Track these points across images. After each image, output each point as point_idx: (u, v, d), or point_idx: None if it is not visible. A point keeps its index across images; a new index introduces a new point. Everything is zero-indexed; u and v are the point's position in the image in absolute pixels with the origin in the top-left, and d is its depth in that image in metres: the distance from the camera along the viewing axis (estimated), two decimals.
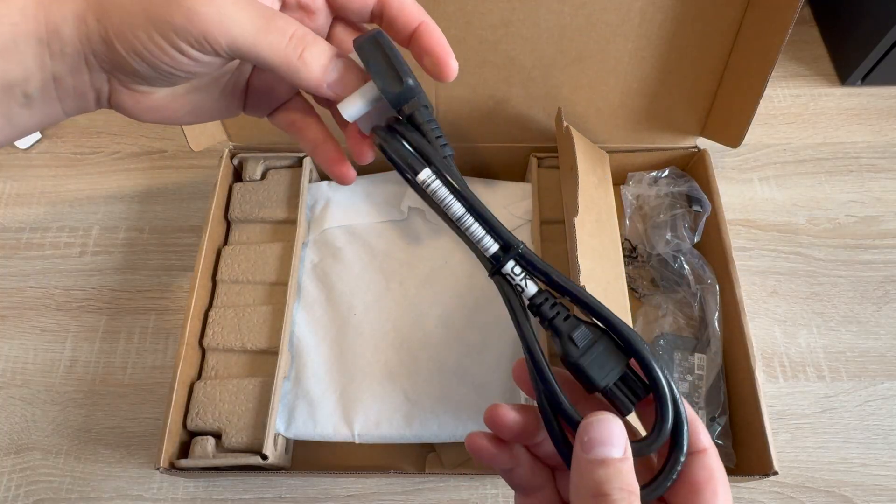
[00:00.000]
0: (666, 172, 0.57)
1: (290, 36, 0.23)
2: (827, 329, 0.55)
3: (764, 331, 0.55)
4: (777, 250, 0.59)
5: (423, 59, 0.26)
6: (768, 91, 0.53)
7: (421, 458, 0.49)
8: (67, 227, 0.61)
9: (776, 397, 0.52)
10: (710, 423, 0.48)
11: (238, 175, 0.57)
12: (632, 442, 0.22)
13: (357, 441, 0.46)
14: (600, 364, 0.23)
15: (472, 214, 0.25)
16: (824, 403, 0.52)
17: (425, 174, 0.25)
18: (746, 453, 0.47)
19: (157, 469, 0.43)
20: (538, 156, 0.56)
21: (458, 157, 0.58)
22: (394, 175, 0.57)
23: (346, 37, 0.28)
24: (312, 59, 0.23)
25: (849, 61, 0.66)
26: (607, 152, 0.55)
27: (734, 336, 0.49)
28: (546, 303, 0.24)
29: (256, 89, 0.29)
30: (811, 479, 0.49)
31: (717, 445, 0.48)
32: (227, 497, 0.49)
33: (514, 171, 0.59)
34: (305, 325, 0.50)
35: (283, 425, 0.47)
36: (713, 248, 0.53)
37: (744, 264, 0.57)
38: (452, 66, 0.26)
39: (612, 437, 0.21)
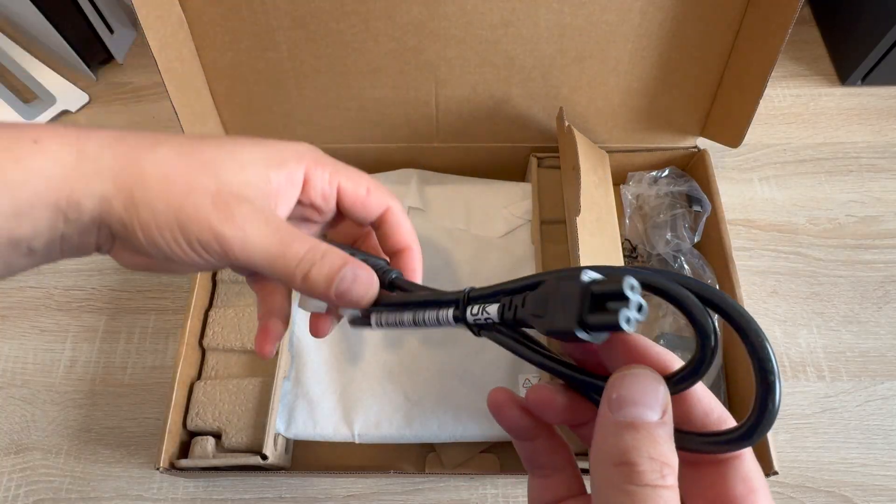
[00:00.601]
0: (666, 172, 0.57)
1: (299, 259, 0.25)
2: (827, 329, 0.55)
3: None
4: (777, 250, 0.59)
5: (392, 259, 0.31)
6: (768, 91, 0.53)
7: (421, 458, 0.49)
8: None
9: None
10: None
11: None
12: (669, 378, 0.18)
13: (357, 441, 0.46)
14: (561, 307, 0.19)
15: (416, 310, 0.26)
16: (824, 403, 0.52)
17: (373, 320, 0.27)
18: None
19: (157, 469, 0.43)
20: (538, 156, 0.56)
21: (458, 157, 0.58)
22: (394, 175, 0.57)
23: (344, 227, 0.33)
24: (318, 276, 0.26)
25: (849, 61, 0.66)
26: (607, 152, 0.55)
27: (734, 336, 0.49)
28: (506, 307, 0.22)
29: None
30: (811, 479, 0.49)
31: None
32: (227, 497, 0.49)
33: (514, 171, 0.59)
34: (305, 325, 0.50)
35: (283, 425, 0.47)
36: (713, 248, 0.53)
37: (744, 264, 0.57)
38: (415, 270, 0.31)
39: (646, 396, 0.17)
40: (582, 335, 0.18)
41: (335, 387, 0.48)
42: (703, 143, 0.57)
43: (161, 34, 0.44)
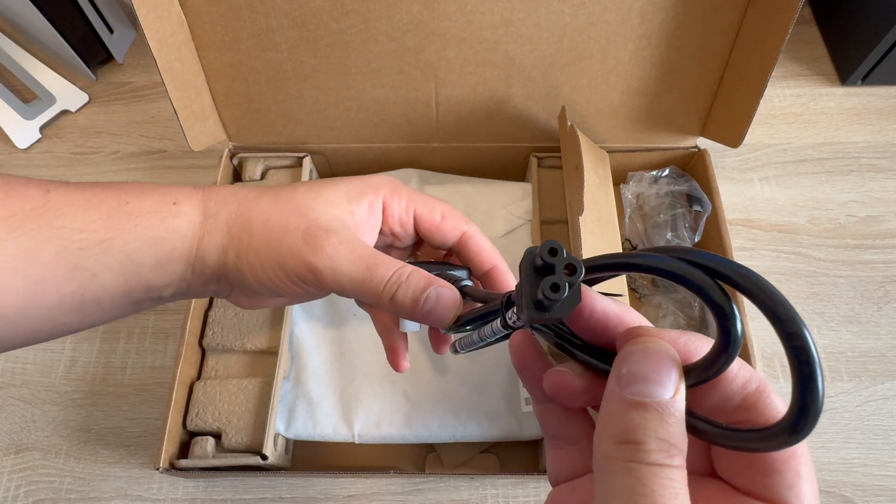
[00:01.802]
0: (666, 172, 0.57)
1: (385, 282, 0.27)
2: (827, 329, 0.55)
3: (764, 331, 0.55)
4: (777, 250, 0.59)
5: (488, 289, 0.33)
6: (768, 91, 0.53)
7: (421, 458, 0.49)
8: None
9: None
10: None
11: (238, 175, 0.57)
12: (691, 366, 0.17)
13: (357, 441, 0.46)
14: (524, 297, 0.19)
15: (476, 328, 0.26)
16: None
17: (458, 346, 0.29)
18: None
19: (157, 469, 0.43)
20: (538, 156, 0.56)
21: (458, 157, 0.58)
22: (394, 175, 0.57)
23: (426, 249, 0.35)
24: (404, 298, 0.27)
25: (849, 61, 0.66)
26: (607, 152, 0.55)
27: None
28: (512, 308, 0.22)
29: None
30: None
31: None
32: (227, 497, 0.49)
33: (514, 171, 0.59)
34: (305, 325, 0.50)
35: (282, 425, 0.47)
36: (713, 248, 0.53)
37: (744, 264, 0.57)
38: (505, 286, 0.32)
39: (658, 373, 0.16)
40: (537, 315, 0.17)
41: (335, 387, 0.48)
42: (703, 142, 0.57)
43: (161, 34, 0.44)
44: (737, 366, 0.17)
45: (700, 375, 0.17)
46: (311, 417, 0.47)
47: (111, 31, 0.68)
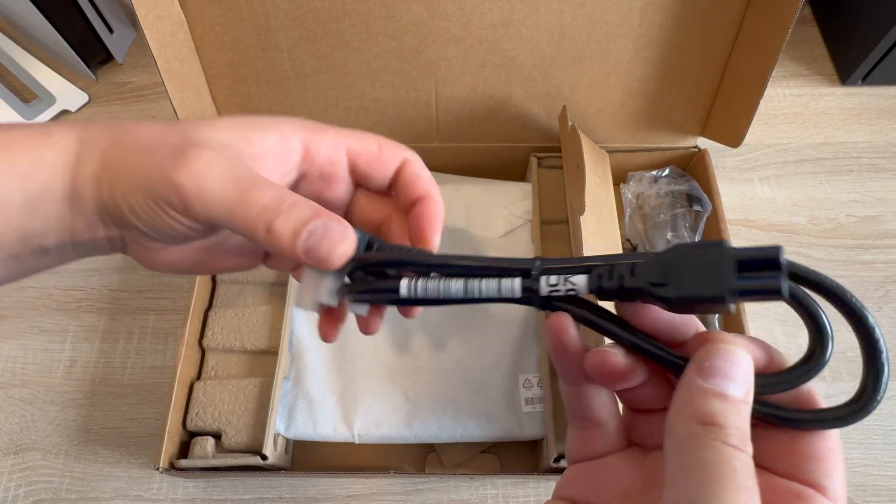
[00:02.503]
0: (666, 172, 0.57)
1: (261, 207, 0.23)
2: None
3: (764, 331, 0.55)
4: None
5: (411, 224, 0.27)
6: (768, 91, 0.53)
7: (421, 458, 0.49)
8: None
9: None
10: None
11: None
12: (764, 375, 0.19)
13: (357, 441, 0.46)
14: (701, 274, 0.19)
15: (470, 279, 0.22)
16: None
17: (404, 287, 0.23)
18: None
19: (157, 469, 0.43)
20: (538, 156, 0.56)
21: (458, 157, 0.58)
22: None
23: (365, 203, 0.29)
24: (283, 227, 0.22)
25: (849, 61, 0.66)
26: (608, 152, 0.55)
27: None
28: (603, 277, 0.21)
29: None
30: None
31: None
32: (227, 497, 0.49)
33: (514, 171, 0.59)
34: (305, 325, 0.50)
35: (282, 425, 0.46)
36: None
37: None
38: (432, 242, 0.26)
39: (736, 371, 0.18)
40: (730, 300, 0.19)
41: (335, 387, 0.48)
42: (703, 142, 0.57)
43: (161, 34, 0.44)
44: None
45: (776, 386, 0.20)
46: (311, 417, 0.47)
47: (111, 31, 0.68)
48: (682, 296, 0.19)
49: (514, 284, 0.22)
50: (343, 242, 0.23)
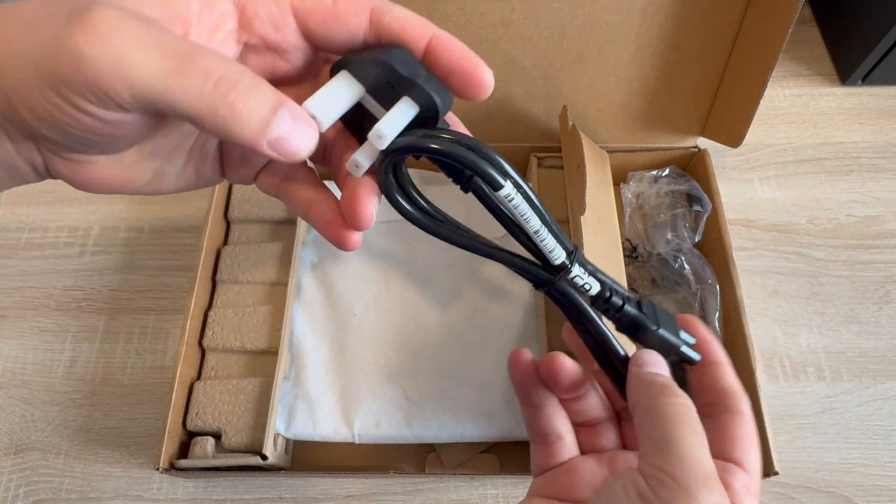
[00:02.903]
0: (666, 172, 0.57)
1: (215, 79, 0.18)
2: (827, 329, 0.55)
3: (764, 331, 0.55)
4: (777, 250, 0.58)
5: (448, 80, 0.22)
6: (768, 91, 0.53)
7: (421, 458, 0.49)
8: (67, 226, 0.61)
9: (777, 397, 0.52)
10: None
11: None
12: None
13: (357, 441, 0.46)
14: (668, 325, 0.26)
15: (545, 226, 0.23)
16: (825, 404, 0.52)
17: (509, 188, 0.22)
18: None
19: (157, 469, 0.43)
20: (538, 156, 0.56)
21: None
22: None
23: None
24: (248, 108, 0.18)
25: (849, 61, 0.66)
26: (608, 152, 0.55)
27: (735, 336, 0.49)
28: (614, 294, 0.25)
29: (231, 149, 0.24)
30: (812, 479, 0.49)
31: None
32: (227, 497, 0.49)
33: None
34: (305, 325, 0.50)
35: (282, 425, 0.46)
36: (713, 248, 0.53)
37: (744, 264, 0.57)
38: (485, 79, 0.22)
39: (661, 364, 0.25)
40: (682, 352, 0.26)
41: (335, 387, 0.48)
42: (703, 142, 0.57)
43: None
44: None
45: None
46: (311, 417, 0.47)
47: None
48: (661, 339, 0.25)
49: (560, 254, 0.24)
50: (311, 135, 0.20)
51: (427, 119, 0.21)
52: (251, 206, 0.54)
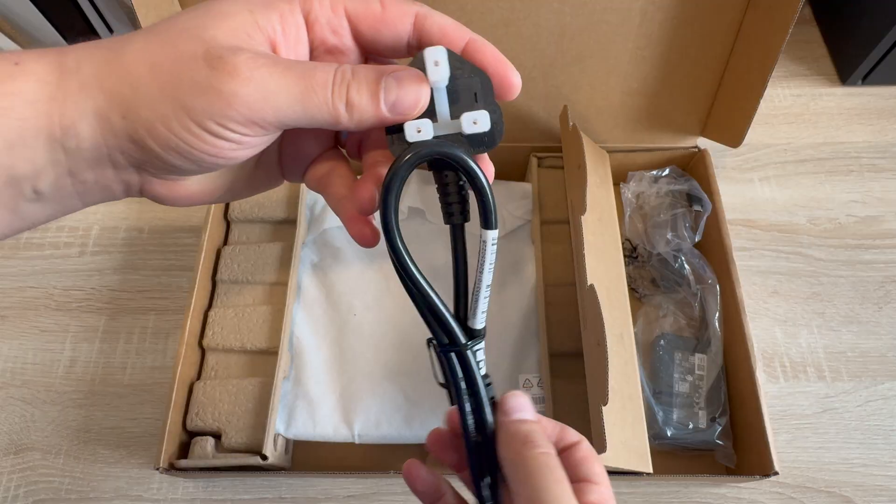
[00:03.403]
0: (666, 171, 0.57)
1: (331, 85, 0.21)
2: (828, 329, 0.55)
3: (764, 331, 0.55)
4: (778, 250, 0.58)
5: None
6: (769, 91, 0.53)
7: (421, 458, 0.49)
8: (67, 226, 0.61)
9: (777, 397, 0.52)
10: (711, 423, 0.48)
11: None
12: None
13: (357, 441, 0.46)
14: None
15: (489, 289, 0.26)
16: (825, 404, 0.52)
17: (496, 234, 0.24)
18: (747, 454, 0.47)
19: (157, 469, 0.43)
20: (538, 156, 0.56)
21: None
22: None
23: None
24: (360, 96, 0.22)
25: (849, 61, 0.66)
26: (608, 152, 0.55)
27: (735, 336, 0.49)
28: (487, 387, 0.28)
29: (289, 153, 0.27)
30: (812, 479, 0.49)
31: (718, 445, 0.47)
32: (227, 497, 0.49)
33: (514, 171, 0.59)
34: (305, 325, 0.50)
35: (282, 425, 0.46)
36: (714, 248, 0.53)
37: (744, 264, 0.57)
38: (515, 81, 0.24)
39: (527, 406, 0.26)
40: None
41: (335, 387, 0.48)
42: (703, 142, 0.57)
43: None
44: None
45: None
46: (311, 417, 0.47)
47: (111, 30, 0.68)
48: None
49: (482, 318, 0.27)
50: (421, 83, 0.22)
51: (483, 142, 0.24)
52: (251, 206, 0.54)
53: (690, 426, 0.48)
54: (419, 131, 0.23)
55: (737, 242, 0.57)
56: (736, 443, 0.48)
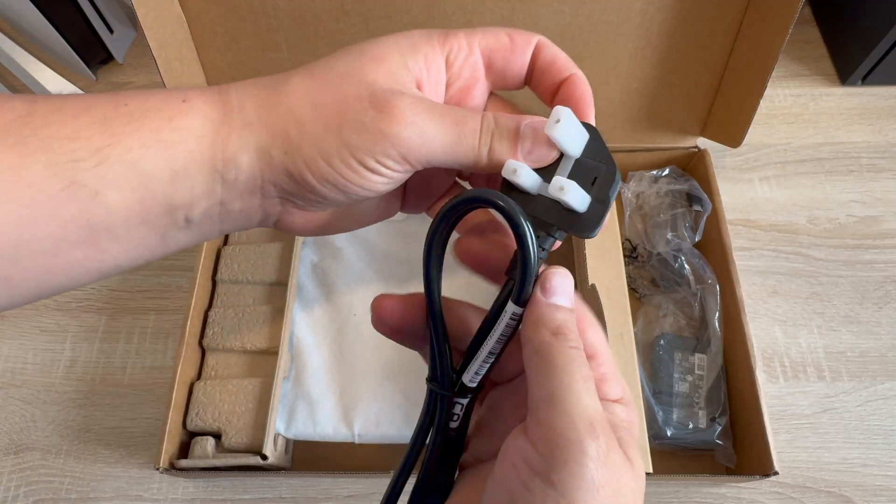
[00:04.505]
0: (666, 171, 0.57)
1: (479, 133, 0.24)
2: (827, 329, 0.55)
3: (764, 331, 0.55)
4: (777, 250, 0.58)
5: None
6: (769, 91, 0.53)
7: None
8: None
9: (777, 397, 0.52)
10: (711, 423, 0.48)
11: None
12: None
13: (357, 441, 0.46)
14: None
15: (493, 357, 0.24)
16: (825, 403, 0.52)
17: (520, 312, 0.24)
18: (747, 453, 0.47)
19: (157, 469, 0.43)
20: None
21: None
22: None
23: (499, 108, 0.29)
24: (501, 147, 0.24)
25: (849, 61, 0.66)
26: None
27: (735, 336, 0.49)
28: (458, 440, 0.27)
29: (420, 187, 0.29)
30: (812, 479, 0.49)
31: (718, 445, 0.47)
32: (227, 497, 0.49)
33: None
34: (305, 325, 0.50)
35: (283, 425, 0.47)
36: (713, 248, 0.53)
37: (744, 264, 0.57)
38: (589, 118, 0.26)
39: (567, 290, 0.23)
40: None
41: (335, 387, 0.48)
42: (703, 142, 0.57)
43: (161, 34, 0.44)
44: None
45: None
46: (311, 417, 0.47)
47: (111, 30, 0.68)
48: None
49: (477, 379, 0.24)
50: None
51: (572, 223, 0.24)
52: None
53: (690, 426, 0.48)
54: (515, 171, 0.23)
55: (737, 242, 0.57)
56: (736, 443, 0.48)
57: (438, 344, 0.25)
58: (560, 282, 0.23)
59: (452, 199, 0.23)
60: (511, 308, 0.23)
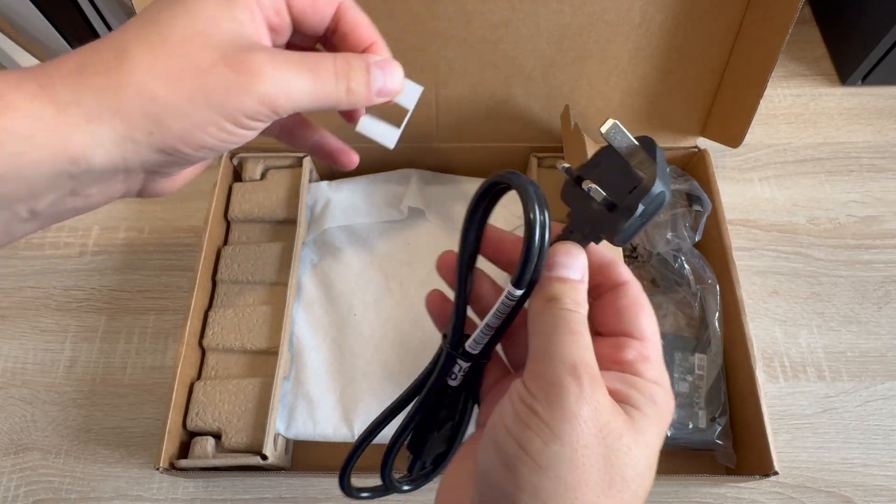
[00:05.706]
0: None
1: (335, 78, 0.25)
2: (827, 329, 0.55)
3: (764, 331, 0.55)
4: (777, 250, 0.59)
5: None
6: (769, 91, 0.53)
7: None
8: (67, 226, 0.61)
9: (777, 397, 0.52)
10: (711, 423, 0.48)
11: (238, 175, 0.57)
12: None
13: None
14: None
15: (496, 333, 0.25)
16: (825, 403, 0.52)
17: (521, 296, 0.25)
18: (747, 453, 0.47)
19: (157, 469, 0.43)
20: (538, 156, 0.56)
21: (458, 157, 0.58)
22: (394, 175, 0.57)
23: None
24: (357, 84, 0.26)
25: (849, 61, 0.66)
26: None
27: (734, 336, 0.49)
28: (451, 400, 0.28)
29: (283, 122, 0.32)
30: (811, 479, 0.49)
31: (718, 445, 0.47)
32: (227, 497, 0.49)
33: None
34: (305, 325, 0.50)
35: (282, 425, 0.47)
36: (713, 248, 0.53)
37: (744, 264, 0.57)
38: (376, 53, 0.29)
39: (572, 262, 0.23)
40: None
41: (335, 387, 0.48)
42: (703, 142, 0.57)
43: None
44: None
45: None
46: (311, 417, 0.47)
47: (111, 30, 0.68)
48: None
49: (478, 348, 0.26)
50: (398, 69, 0.28)
51: (601, 223, 0.25)
52: (251, 206, 0.54)
53: (690, 426, 0.48)
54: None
55: (737, 242, 0.57)
56: (736, 443, 0.48)
57: (457, 305, 0.26)
58: (562, 258, 0.23)
59: (491, 178, 0.26)
60: (509, 288, 0.23)
